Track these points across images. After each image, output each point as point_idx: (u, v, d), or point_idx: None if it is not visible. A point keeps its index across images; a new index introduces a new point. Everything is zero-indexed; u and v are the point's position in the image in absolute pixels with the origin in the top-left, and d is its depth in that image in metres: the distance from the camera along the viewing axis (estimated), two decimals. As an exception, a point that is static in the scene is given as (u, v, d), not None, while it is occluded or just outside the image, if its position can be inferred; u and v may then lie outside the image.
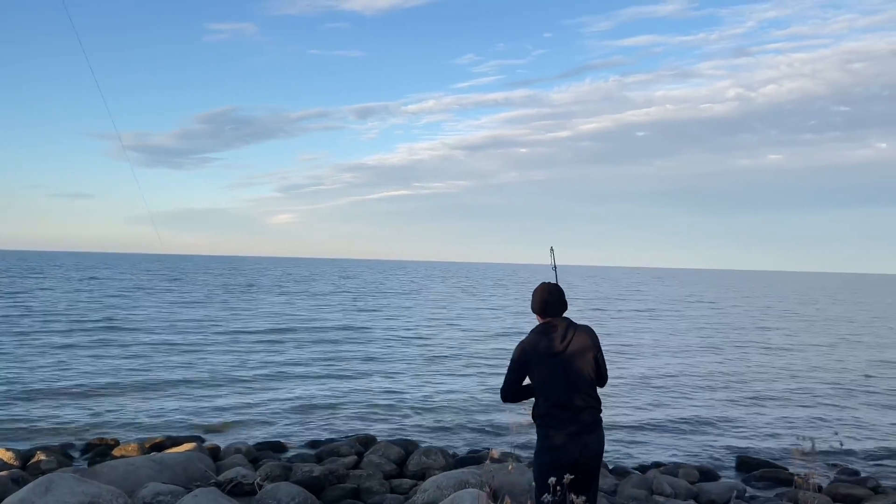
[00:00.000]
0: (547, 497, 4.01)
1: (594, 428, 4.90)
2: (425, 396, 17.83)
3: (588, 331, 4.98)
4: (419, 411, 16.01)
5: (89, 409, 15.17)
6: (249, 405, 16.17)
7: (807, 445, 11.93)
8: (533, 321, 5.11)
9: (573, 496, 3.60)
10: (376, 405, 16.55)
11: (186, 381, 18.70)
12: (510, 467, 4.03)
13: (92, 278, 79.95)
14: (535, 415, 4.97)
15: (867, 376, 22.99)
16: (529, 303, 5.10)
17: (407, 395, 17.86)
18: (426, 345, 28.54)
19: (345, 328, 33.69)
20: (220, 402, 16.42)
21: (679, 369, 23.42)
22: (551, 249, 5.60)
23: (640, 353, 27.62)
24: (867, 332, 40.22)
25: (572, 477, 4.88)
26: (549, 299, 4.93)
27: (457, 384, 19.56)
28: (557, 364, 4.83)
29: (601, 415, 5.05)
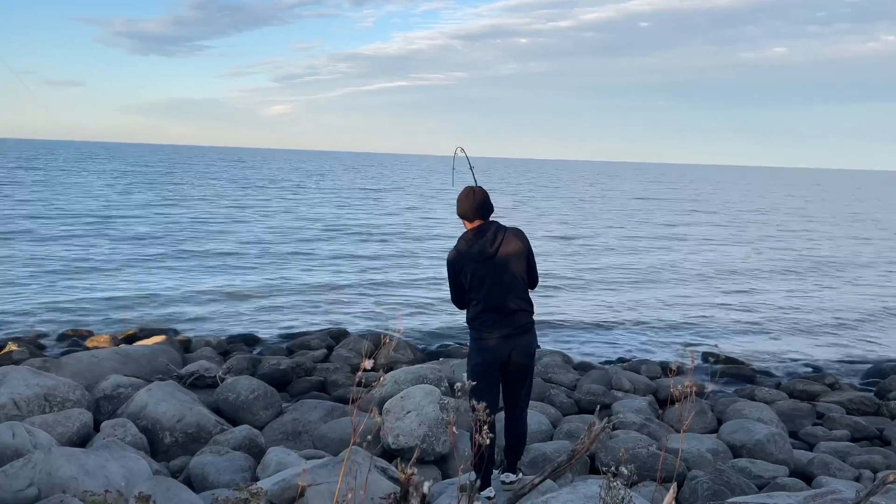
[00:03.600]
0: (473, 401, 4.02)
1: (526, 330, 4.89)
2: (404, 291, 18.00)
3: (518, 233, 4.88)
4: (397, 306, 16.18)
5: (73, 299, 15.34)
6: (231, 297, 16.33)
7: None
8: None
9: (481, 404, 3.55)
10: (356, 300, 16.72)
11: (173, 268, 18.87)
12: (392, 345, 3.99)
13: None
14: (469, 318, 4.95)
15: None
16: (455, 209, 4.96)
17: (389, 290, 18.03)
18: (422, 242, 28.65)
19: (343, 225, 33.68)
20: (203, 292, 16.59)
21: (654, 268, 23.57)
22: (460, 150, 5.45)
23: (611, 250, 27.77)
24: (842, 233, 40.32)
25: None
26: (476, 203, 4.80)
27: (436, 279, 19.69)
28: (489, 268, 4.75)
29: (533, 317, 5.03)
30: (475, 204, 4.83)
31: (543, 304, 15.94)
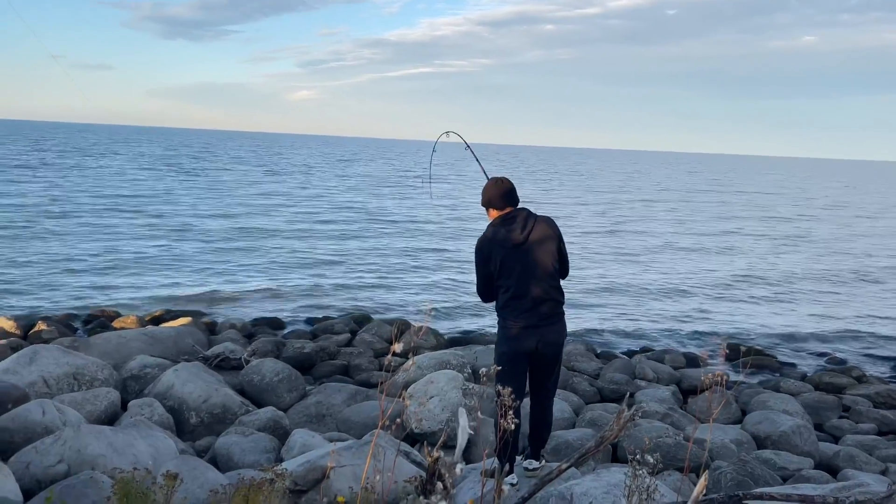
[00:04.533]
0: (499, 387, 4.00)
1: (554, 320, 4.79)
2: (427, 278, 18.03)
3: (549, 221, 4.80)
4: (418, 292, 16.22)
5: (100, 281, 15.54)
6: (256, 280, 16.46)
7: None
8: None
9: (504, 389, 3.56)
10: (378, 285, 16.78)
11: (197, 255, 19.06)
12: (421, 332, 3.99)
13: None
14: (498, 306, 4.86)
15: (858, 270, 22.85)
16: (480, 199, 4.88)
17: (411, 277, 18.07)
18: (447, 229, 28.65)
19: (368, 211, 33.74)
20: (226, 276, 16.73)
21: (678, 262, 23.41)
22: (452, 133, 5.42)
23: (642, 243, 27.59)
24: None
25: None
26: (502, 190, 4.74)
27: (461, 266, 19.71)
28: (518, 255, 4.66)
29: (563, 307, 4.95)
30: (502, 191, 4.74)
31: (569, 292, 15.89)
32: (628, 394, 4.43)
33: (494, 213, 4.75)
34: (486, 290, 4.79)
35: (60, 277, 15.73)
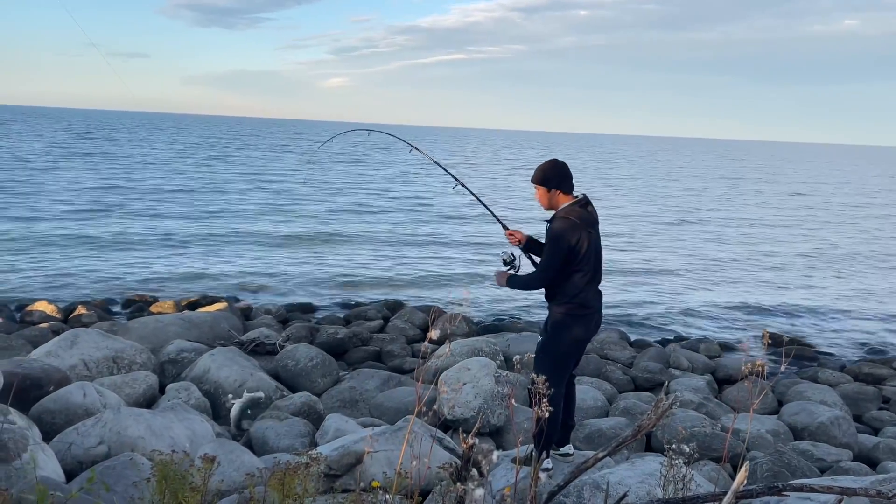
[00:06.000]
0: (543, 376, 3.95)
1: (602, 302, 4.86)
2: (460, 266, 18.04)
3: None
4: (451, 280, 16.23)
5: (139, 266, 15.80)
6: (289, 267, 16.60)
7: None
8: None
9: (541, 377, 3.55)
10: (410, 273, 16.83)
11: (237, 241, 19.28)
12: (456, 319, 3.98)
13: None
14: (572, 291, 4.72)
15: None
16: (544, 179, 4.72)
17: (444, 264, 18.10)
18: (479, 221, 28.64)
19: (409, 200, 33.77)
20: (264, 262, 16.92)
21: (717, 250, 23.14)
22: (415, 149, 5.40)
23: (675, 229, 27.31)
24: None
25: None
26: (570, 174, 4.77)
27: (493, 254, 19.66)
28: (594, 240, 4.67)
29: None
30: (570, 174, 4.73)
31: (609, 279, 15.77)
32: (666, 382, 4.38)
33: (563, 197, 4.64)
34: (557, 275, 4.61)
35: (101, 265, 15.99)
